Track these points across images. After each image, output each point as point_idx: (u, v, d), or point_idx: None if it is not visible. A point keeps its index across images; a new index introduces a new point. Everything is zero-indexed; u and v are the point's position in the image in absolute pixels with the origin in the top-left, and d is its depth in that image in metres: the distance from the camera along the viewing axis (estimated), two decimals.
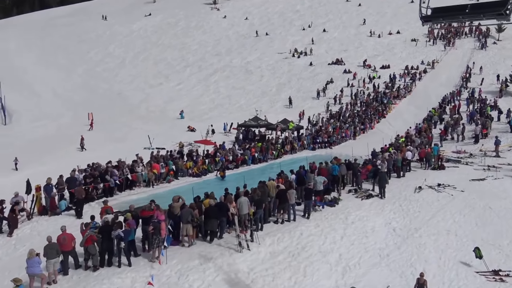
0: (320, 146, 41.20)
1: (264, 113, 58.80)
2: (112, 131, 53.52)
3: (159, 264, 14.17)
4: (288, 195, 18.88)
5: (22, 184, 24.84)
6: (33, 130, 55.08)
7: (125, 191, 24.26)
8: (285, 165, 33.70)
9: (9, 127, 58.27)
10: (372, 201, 23.03)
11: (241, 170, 31.82)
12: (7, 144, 49.47)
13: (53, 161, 40.17)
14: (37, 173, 36.01)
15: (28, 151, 46.23)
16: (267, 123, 44.94)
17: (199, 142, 33.40)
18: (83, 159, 39.60)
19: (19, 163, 40.96)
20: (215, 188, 26.13)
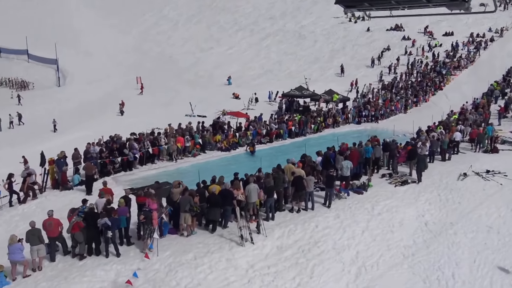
0: (366, 120, 38.57)
1: (313, 81, 56.34)
2: (159, 96, 53.37)
3: (147, 258, 13.08)
4: (305, 182, 17.13)
5: (57, 150, 24.66)
6: (84, 93, 56.00)
7: (146, 165, 23.45)
8: (323, 140, 31.75)
9: (62, 89, 59.70)
10: (407, 189, 20.78)
11: (275, 144, 30.19)
12: (58, 106, 50.74)
13: (92, 127, 40.41)
14: (74, 138, 36.15)
15: (74, 115, 47.12)
16: (312, 93, 42.62)
17: (231, 114, 31.86)
18: (120, 125, 39.69)
19: (60, 126, 41.74)
20: (242, 164, 24.90)
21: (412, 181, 21.60)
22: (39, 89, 59.36)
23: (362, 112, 38.76)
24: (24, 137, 39.10)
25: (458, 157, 25.90)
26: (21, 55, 71.04)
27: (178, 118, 41.59)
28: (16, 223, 16.94)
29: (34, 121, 44.18)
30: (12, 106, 50.90)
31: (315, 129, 33.96)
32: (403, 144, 25.71)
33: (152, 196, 14.30)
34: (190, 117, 42.70)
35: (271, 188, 16.21)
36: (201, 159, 25.42)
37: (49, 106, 49.67)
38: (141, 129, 37.46)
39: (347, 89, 50.61)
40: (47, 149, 31.77)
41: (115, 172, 21.77)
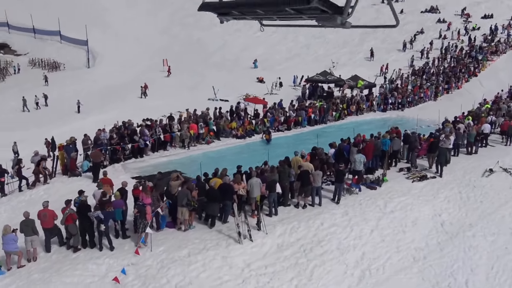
0: (392, 107, 37.12)
1: (341, 65, 54.87)
2: (185, 80, 53.10)
3: (137, 254, 12.68)
4: (311, 177, 16.34)
5: (79, 132, 24.56)
6: (112, 74, 56.29)
7: (158, 151, 23.11)
8: (344, 129, 30.69)
9: (91, 70, 60.18)
10: (425, 185, 19.69)
11: (293, 132, 29.33)
12: (86, 87, 51.17)
13: (116, 109, 40.54)
14: (97, 120, 36.37)
15: (100, 96, 47.39)
16: (336, 78, 41.30)
17: (249, 100, 31.03)
18: (143, 108, 39.61)
19: (85, 108, 42.03)
20: (256, 152, 24.28)
21: (431, 176, 20.48)
22: (70, 70, 60.06)
23: (388, 99, 37.26)
24: (49, 118, 39.60)
25: (485, 151, 24.52)
26: (54, 36, 71.93)
27: (201, 102, 41.33)
28: (20, 210, 16.81)
29: (61, 102, 44.65)
30: (41, 87, 51.77)
31: (336, 116, 32.84)
32: (426, 135, 24.53)
33: (146, 190, 13.85)
34: (213, 101, 42.32)
35: (273, 183, 15.49)
36: (215, 147, 24.91)
37: (76, 87, 50.13)
38: (164, 112, 37.56)
39: (376, 74, 48.84)
40: (69, 131, 31.89)
41: (126, 159, 21.49)
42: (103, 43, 67.16)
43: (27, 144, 26.28)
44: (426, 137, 24.14)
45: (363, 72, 51.39)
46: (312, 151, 19.34)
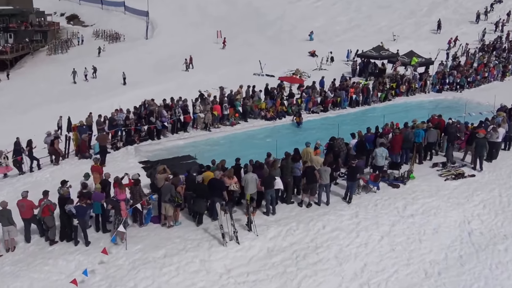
0: (450, 88, 33.71)
1: (403, 38, 51.09)
2: (238, 52, 51.97)
3: (105, 254, 11.89)
4: (316, 173, 14.70)
5: (124, 105, 23.80)
6: (167, 46, 56.42)
7: (178, 133, 22.28)
8: (388, 112, 28.24)
9: (148, 42, 60.61)
10: (460, 184, 17.35)
11: (329, 115, 27.25)
12: (139, 59, 51.58)
13: (162, 82, 40.42)
14: (141, 94, 36.40)
15: (151, 68, 47.59)
16: (391, 54, 38.10)
17: (283, 79, 29.05)
18: (187, 82, 39.14)
19: (133, 80, 42.21)
20: (282, 137, 22.71)
21: (470, 174, 18.01)
22: (129, 42, 60.89)
23: (445, 78, 33.83)
24: (96, 91, 40.28)
25: None
26: (119, 7, 73.21)
27: (246, 77, 39.91)
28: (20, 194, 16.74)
29: (112, 74, 45.18)
30: (96, 58, 52.96)
31: (382, 97, 30.22)
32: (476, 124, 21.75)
33: (121, 185, 12.97)
34: (258, 76, 40.92)
35: (270, 179, 14.04)
36: (239, 129, 23.64)
37: (130, 59, 50.69)
38: (207, 87, 36.89)
39: (439, 49, 44.59)
40: (111, 105, 32.00)
41: (142, 140, 20.85)
42: (163, 14, 67.32)
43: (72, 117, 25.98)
44: (472, 126, 21.46)
45: (426, 47, 47.50)
46: (329, 142, 17.54)
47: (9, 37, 61.94)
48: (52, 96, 38.67)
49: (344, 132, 20.58)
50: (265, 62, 43.40)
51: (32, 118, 32.42)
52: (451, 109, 29.48)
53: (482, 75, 35.40)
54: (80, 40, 60.41)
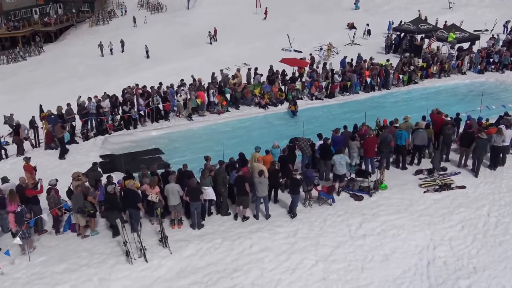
0: (496, 68, 29.75)
1: (460, 6, 45.99)
2: (275, 23, 49.59)
3: None
4: (247, 186, 13.05)
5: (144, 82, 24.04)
6: (205, 17, 54.98)
7: (158, 122, 21.22)
8: (409, 98, 25.57)
9: (188, 12, 59.43)
10: (443, 197, 14.96)
11: (335, 101, 24.85)
12: (174, 31, 50.67)
13: (184, 59, 39.51)
14: (163, 71, 35.89)
15: (180, 42, 46.57)
16: (431, 27, 34.16)
17: (286, 61, 26.52)
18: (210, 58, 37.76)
19: (159, 55, 41.47)
20: (269, 129, 21.12)
21: (460, 185, 15.45)
22: (170, 12, 60.09)
23: (490, 57, 29.85)
24: (119, 66, 40.07)
25: None
26: None
27: (274, 52, 38.13)
28: None
29: (140, 47, 44.54)
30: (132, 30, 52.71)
31: (405, 80, 27.18)
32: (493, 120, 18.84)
33: (13, 194, 11.99)
34: (286, 51, 38.79)
35: (196, 191, 12.61)
36: (224, 118, 22.07)
37: (162, 31, 49.96)
38: (229, 64, 35.45)
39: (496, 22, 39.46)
40: (129, 82, 31.57)
41: (116, 130, 20.03)
42: None
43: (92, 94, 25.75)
44: (488, 123, 18.57)
45: (486, 16, 42.60)
46: (289, 143, 15.66)
47: (58, 7, 63.47)
48: (77, 72, 39.02)
49: (343, 124, 18.25)
50: (300, 35, 41.05)
51: (51, 95, 32.70)
52: (487, 95, 26.08)
53: None
54: (123, 10, 60.45)
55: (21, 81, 37.56)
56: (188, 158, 17.32)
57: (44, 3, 60.29)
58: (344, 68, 26.47)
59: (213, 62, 37.55)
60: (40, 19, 56.67)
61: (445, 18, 43.08)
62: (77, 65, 41.40)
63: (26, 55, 46.29)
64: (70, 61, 42.44)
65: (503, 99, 25.10)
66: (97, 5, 64.28)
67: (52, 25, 54.33)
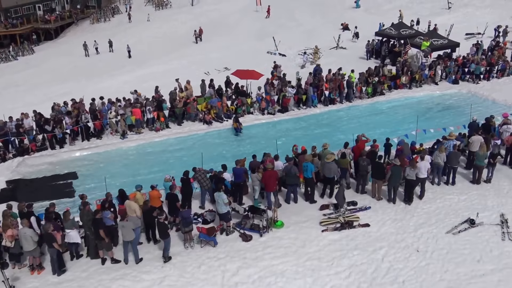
0: (471, 78, 27.96)
1: (462, 5, 43.88)
2: (272, 22, 48.48)
3: None
4: (102, 232, 12.42)
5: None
6: (205, 14, 54.53)
7: (89, 140, 20.76)
8: (369, 113, 24.40)
9: (193, 8, 58.85)
10: (341, 238, 14.05)
11: (287, 116, 23.80)
12: (169, 30, 50.21)
13: (168, 62, 39.00)
14: (144, 74, 35.53)
15: (171, 42, 46.06)
16: (414, 32, 32.35)
17: (237, 74, 25.35)
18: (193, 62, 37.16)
19: (142, 56, 41.09)
20: (207, 148, 20.47)
21: (363, 224, 14.48)
22: (175, 9, 59.56)
23: (466, 66, 28.07)
24: (102, 69, 39.81)
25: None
26: None
27: (260, 55, 37.17)
28: None
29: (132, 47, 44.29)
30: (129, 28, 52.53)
31: (369, 92, 25.86)
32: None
33: None
34: (271, 54, 37.73)
35: (48, 237, 12.03)
36: (160, 136, 21.43)
37: (158, 30, 49.65)
38: (210, 68, 34.77)
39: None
40: (109, 87, 31.72)
41: (40, 150, 19.71)
42: None
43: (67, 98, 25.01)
44: (422, 148, 17.41)
45: (485, 17, 40.23)
46: (183, 176, 14.96)
47: (66, 2, 63.90)
48: (61, 74, 39.03)
49: (288, 144, 18.58)
50: (293, 36, 40.06)
51: (23, 101, 32.74)
52: (452, 109, 24.67)
53: None
54: (128, 6, 60.21)
55: (1, 83, 37.79)
56: (101, 185, 16.96)
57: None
58: (317, 77, 25.37)
59: (196, 64, 37.06)
60: (42, 15, 57.13)
61: (442, 19, 41.10)
62: (64, 66, 41.49)
63: (18, 55, 46.71)
64: (58, 61, 42.58)
65: (467, 113, 23.54)
66: (104, 0, 64.29)
67: (51, 23, 54.71)
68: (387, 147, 17.74)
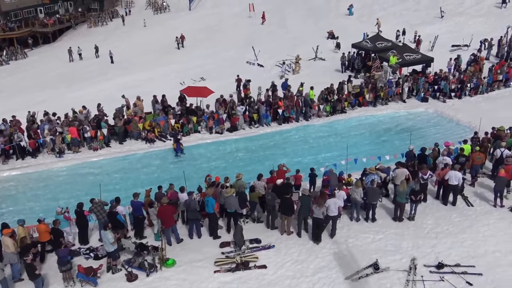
0: (441, 95, 26.71)
1: (456, 14, 42.24)
2: (260, 30, 47.71)
3: None
4: None
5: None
6: (202, 19, 54.20)
7: (24, 159, 20.52)
8: (324, 134, 23.59)
9: (190, 13, 58.75)
10: (235, 279, 13.33)
11: (237, 136, 23.12)
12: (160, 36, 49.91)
13: (153, 68, 38.73)
14: (124, 82, 35.38)
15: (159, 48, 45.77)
16: (390, 45, 31.03)
17: (185, 90, 24.54)
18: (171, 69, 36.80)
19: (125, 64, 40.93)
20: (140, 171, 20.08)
21: (260, 265, 13.73)
22: (173, 13, 59.40)
23: (438, 82, 26.80)
24: (84, 76, 39.89)
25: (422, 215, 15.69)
26: None
27: (240, 65, 36.57)
28: None
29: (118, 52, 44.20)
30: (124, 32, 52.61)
31: (327, 110, 24.94)
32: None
33: None
34: (250, 64, 37.09)
35: None
36: (98, 156, 21.01)
37: (151, 36, 49.47)
38: (187, 78, 34.38)
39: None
40: (89, 94, 31.53)
41: None
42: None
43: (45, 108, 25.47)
44: (350, 179, 16.59)
45: (476, 27, 38.59)
46: (77, 209, 14.47)
47: (69, 5, 64.49)
48: (43, 80, 39.31)
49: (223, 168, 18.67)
50: (278, 44, 39.57)
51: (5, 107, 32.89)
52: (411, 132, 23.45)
53: (493, 77, 27.27)
54: (127, 10, 60.39)
55: None
56: (13, 209, 16.76)
57: (50, 2, 61.28)
58: (247, 99, 24.72)
59: (176, 73, 36.81)
60: (44, 18, 57.63)
61: (433, 29, 39.76)
62: (49, 72, 41.84)
63: (10, 59, 47.24)
64: (45, 67, 42.91)
65: (426, 136, 22.53)
66: (107, 3, 64.62)
67: (49, 26, 55.22)
68: (312, 178, 16.91)
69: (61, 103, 29.76)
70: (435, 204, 16.58)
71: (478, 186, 17.45)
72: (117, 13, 60.19)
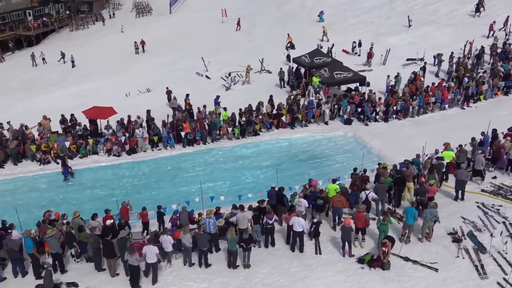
0: (365, 117, 25.58)
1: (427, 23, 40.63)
2: (224, 37, 46.61)
3: None
4: None
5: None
6: (179, 24, 53.66)
7: None
8: (232, 157, 22.97)
9: (170, 16, 58.31)
10: None
11: (134, 159, 22.70)
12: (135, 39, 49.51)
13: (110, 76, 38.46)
14: (75, 92, 35.44)
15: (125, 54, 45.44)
16: (328, 61, 29.70)
17: (86, 113, 23.70)
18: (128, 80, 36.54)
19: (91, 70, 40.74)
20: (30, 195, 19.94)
21: None
22: (155, 16, 59.06)
23: (362, 104, 25.69)
24: (44, 82, 39.97)
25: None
26: None
27: (187, 76, 36.07)
28: None
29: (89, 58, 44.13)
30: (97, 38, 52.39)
31: (236, 132, 24.22)
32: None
33: None
34: (199, 76, 36.43)
35: None
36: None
37: (120, 42, 49.17)
38: (133, 89, 34.02)
39: None
40: (40, 102, 32.18)
41: None
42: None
43: None
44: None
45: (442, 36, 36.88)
46: None
47: (60, 7, 64.95)
48: (4, 87, 39.48)
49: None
50: (237, 52, 38.80)
51: None
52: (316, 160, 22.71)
53: (423, 100, 25.87)
54: (111, 13, 60.42)
55: None
56: None
57: (39, 5, 61.95)
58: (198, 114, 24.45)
59: (130, 82, 36.23)
60: (30, 22, 58.18)
61: (396, 40, 38.17)
62: (14, 78, 42.06)
63: None
64: (13, 73, 43.19)
65: (330, 165, 21.59)
66: (96, 5, 64.81)
67: (32, 30, 55.83)
68: (160, 216, 16.33)
69: (10, 112, 29.83)
70: (282, 249, 15.74)
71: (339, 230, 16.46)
72: (101, 16, 60.15)
